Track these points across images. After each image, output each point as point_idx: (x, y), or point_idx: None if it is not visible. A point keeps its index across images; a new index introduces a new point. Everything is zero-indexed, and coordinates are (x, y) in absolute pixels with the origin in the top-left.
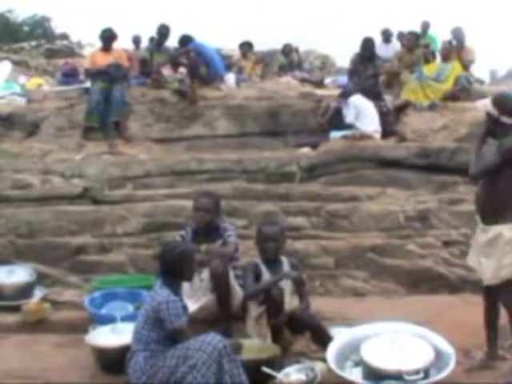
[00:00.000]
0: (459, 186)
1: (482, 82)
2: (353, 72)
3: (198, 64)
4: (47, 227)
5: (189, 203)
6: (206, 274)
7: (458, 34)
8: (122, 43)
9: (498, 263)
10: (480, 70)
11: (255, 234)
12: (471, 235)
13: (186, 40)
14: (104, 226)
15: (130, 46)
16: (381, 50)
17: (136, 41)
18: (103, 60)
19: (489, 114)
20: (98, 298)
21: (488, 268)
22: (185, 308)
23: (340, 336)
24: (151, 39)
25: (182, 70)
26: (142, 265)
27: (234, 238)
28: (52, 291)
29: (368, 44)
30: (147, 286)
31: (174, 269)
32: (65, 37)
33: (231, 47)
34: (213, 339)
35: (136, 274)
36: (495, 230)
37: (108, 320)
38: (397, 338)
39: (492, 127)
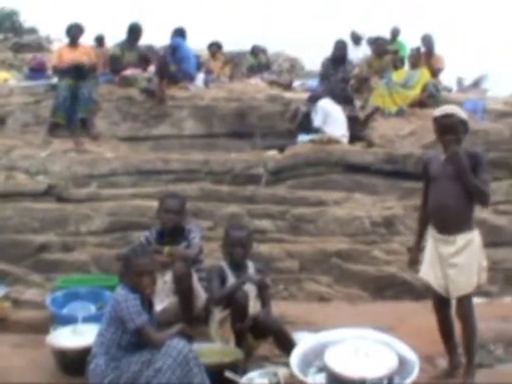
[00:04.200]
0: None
1: (449, 90)
2: (324, 76)
3: (167, 62)
4: (10, 224)
5: (154, 203)
6: (169, 276)
7: (427, 41)
8: (89, 41)
9: (471, 271)
10: (448, 78)
11: (223, 238)
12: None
13: (180, 32)
14: (68, 225)
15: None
16: (351, 53)
17: (99, 40)
18: (70, 56)
19: (463, 122)
20: (59, 297)
21: (460, 278)
22: (151, 304)
23: (304, 341)
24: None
25: (152, 68)
26: (106, 264)
27: (198, 240)
28: (13, 290)
29: (341, 46)
30: (110, 286)
31: (131, 281)
32: (33, 31)
33: (200, 47)
34: (178, 343)
35: (99, 273)
36: (465, 237)
37: (69, 320)
38: (361, 345)
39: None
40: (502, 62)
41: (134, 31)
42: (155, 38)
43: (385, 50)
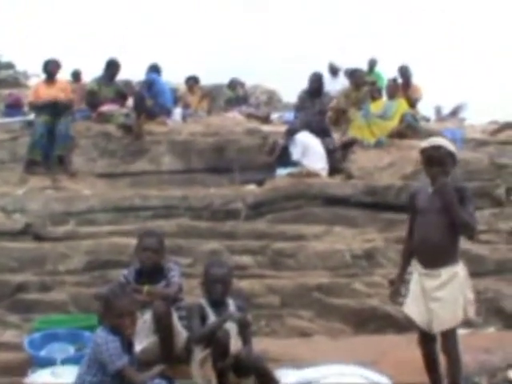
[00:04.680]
0: (406, 225)
1: (427, 120)
2: (300, 108)
3: (143, 97)
4: None
5: (133, 241)
6: (148, 315)
7: (404, 72)
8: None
9: (456, 305)
10: (426, 107)
11: (202, 275)
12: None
13: (155, 68)
14: (46, 264)
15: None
16: (328, 84)
17: (76, 75)
18: (47, 92)
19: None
20: (37, 338)
21: (443, 312)
22: (131, 344)
23: (286, 379)
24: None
25: (129, 103)
26: (85, 303)
27: (178, 278)
28: None
29: (317, 78)
30: (90, 326)
31: (111, 323)
32: (10, 66)
33: (177, 81)
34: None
35: (78, 313)
36: (449, 271)
37: (48, 362)
38: (344, 381)
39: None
40: (478, 90)
41: (112, 66)
42: (132, 73)
43: (363, 82)
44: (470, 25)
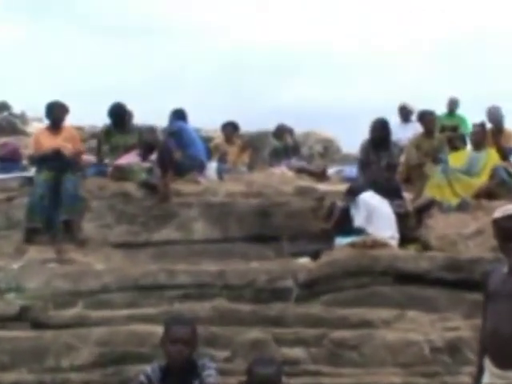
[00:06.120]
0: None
1: None
2: (364, 163)
3: (171, 149)
4: None
5: (157, 329)
6: None
7: (494, 115)
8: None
9: None
10: None
11: (245, 374)
12: None
13: (180, 115)
14: (46, 358)
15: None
16: (399, 132)
17: None
18: (51, 143)
19: None
20: None
21: None
22: None
23: None
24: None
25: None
26: None
27: (214, 379)
28: None
29: (381, 126)
30: None
31: None
32: (5, 107)
33: (211, 128)
34: None
35: None
36: None
37: None
38: None
39: None
40: None
41: (116, 114)
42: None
43: (434, 126)
44: None
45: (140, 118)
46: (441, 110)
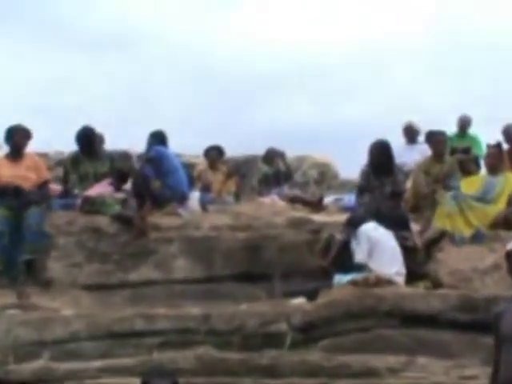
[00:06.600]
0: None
1: None
2: (364, 189)
3: (148, 177)
4: None
5: (133, 382)
6: None
7: (511, 134)
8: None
9: None
10: None
11: None
12: None
13: (159, 138)
14: None
15: None
16: (404, 154)
17: None
18: (11, 172)
19: None
20: None
21: None
22: None
23: None
24: None
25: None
26: None
27: None
28: None
29: (382, 150)
30: None
31: None
32: None
33: (193, 153)
34: None
35: None
36: None
37: None
38: None
39: None
40: None
41: (85, 138)
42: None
43: (445, 149)
44: None
45: (112, 143)
46: (450, 129)
